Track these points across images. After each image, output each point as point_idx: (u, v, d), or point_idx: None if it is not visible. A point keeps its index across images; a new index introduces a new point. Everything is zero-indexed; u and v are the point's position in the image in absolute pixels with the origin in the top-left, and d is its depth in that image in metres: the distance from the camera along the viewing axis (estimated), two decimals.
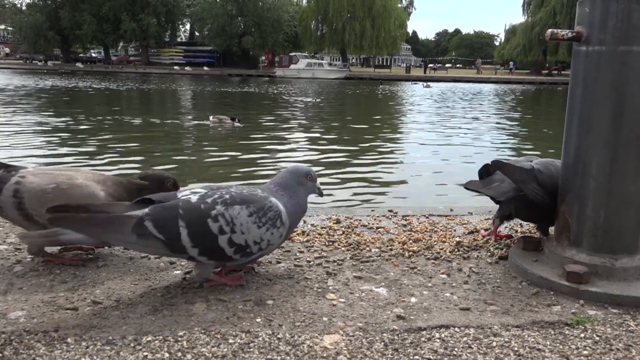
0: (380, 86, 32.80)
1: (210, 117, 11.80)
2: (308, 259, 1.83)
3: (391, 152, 9.22)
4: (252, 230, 1.52)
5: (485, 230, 2.17)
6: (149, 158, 8.17)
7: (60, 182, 1.70)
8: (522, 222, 2.29)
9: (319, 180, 1.75)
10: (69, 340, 1.26)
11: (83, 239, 1.51)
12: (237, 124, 11.38)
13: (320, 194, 1.71)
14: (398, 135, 11.88)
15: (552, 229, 1.89)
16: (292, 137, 10.46)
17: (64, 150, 8.53)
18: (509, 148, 10.03)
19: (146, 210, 1.48)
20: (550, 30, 1.63)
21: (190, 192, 1.55)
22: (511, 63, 57.57)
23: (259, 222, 1.53)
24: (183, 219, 1.47)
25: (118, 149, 8.62)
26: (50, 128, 10.84)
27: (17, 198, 1.66)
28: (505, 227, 2.22)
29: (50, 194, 1.66)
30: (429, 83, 36.45)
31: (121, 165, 7.35)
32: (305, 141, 9.98)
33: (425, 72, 51.24)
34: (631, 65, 1.53)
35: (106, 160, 7.68)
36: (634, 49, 1.52)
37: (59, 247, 1.84)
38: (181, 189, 1.66)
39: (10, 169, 1.79)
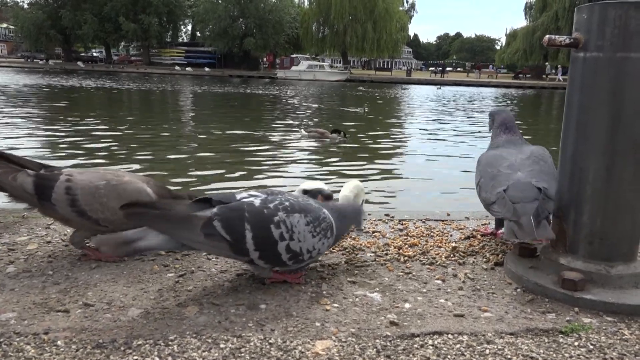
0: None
1: (302, 131, 10.21)
2: None
3: (388, 155, 9.20)
4: (307, 239, 1.57)
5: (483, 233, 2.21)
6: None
7: (110, 179, 1.74)
8: None
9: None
10: (59, 342, 1.25)
11: (159, 244, 1.47)
12: (341, 139, 9.59)
13: (360, 230, 1.88)
14: (395, 138, 11.86)
15: None
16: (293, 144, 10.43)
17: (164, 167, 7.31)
18: None
19: (215, 210, 1.50)
20: (547, 36, 1.62)
21: (249, 195, 1.57)
22: (495, 66, 58.96)
23: (314, 231, 1.58)
24: (249, 222, 1.50)
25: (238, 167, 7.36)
26: (113, 134, 9.89)
27: (70, 195, 1.69)
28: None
29: (102, 189, 1.70)
30: (439, 86, 37.66)
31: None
32: (307, 144, 9.98)
33: (442, 76, 51.90)
34: (628, 71, 1.52)
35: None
36: (631, 55, 1.51)
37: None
38: (237, 191, 1.66)
39: (51, 168, 1.83)
